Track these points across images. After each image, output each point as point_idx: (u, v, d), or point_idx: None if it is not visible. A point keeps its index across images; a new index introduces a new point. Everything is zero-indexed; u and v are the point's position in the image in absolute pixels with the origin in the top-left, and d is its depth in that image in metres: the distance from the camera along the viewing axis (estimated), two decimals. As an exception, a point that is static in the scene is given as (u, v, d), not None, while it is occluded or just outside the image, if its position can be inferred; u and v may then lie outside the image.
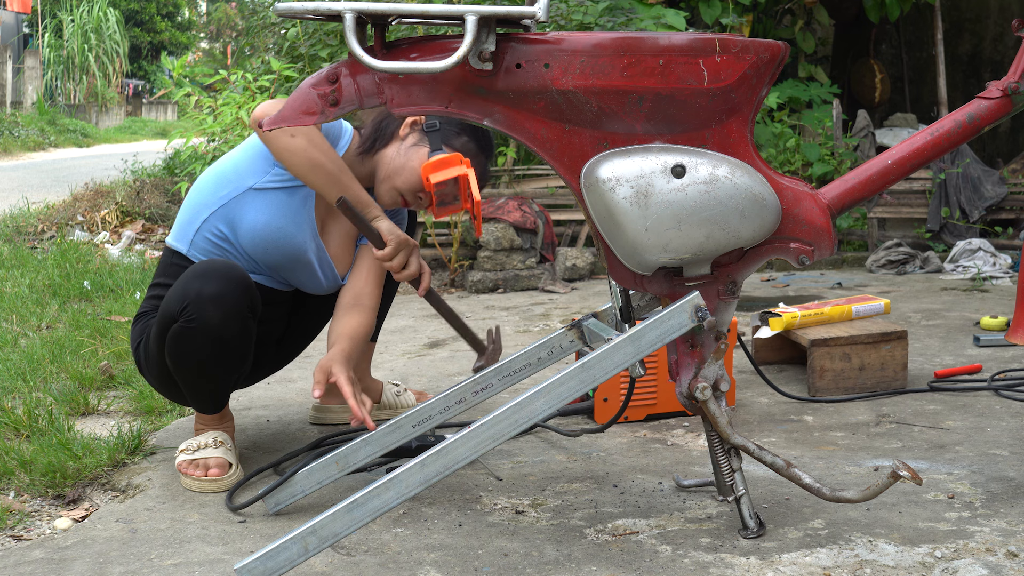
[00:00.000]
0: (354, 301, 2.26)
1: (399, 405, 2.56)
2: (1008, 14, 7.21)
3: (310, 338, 2.46)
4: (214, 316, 1.97)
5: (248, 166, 2.18)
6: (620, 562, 1.72)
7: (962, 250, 5.17)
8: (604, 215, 1.69)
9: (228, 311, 1.99)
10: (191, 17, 27.13)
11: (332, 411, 2.53)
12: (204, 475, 2.11)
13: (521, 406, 1.65)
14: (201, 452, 2.14)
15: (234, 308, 2.00)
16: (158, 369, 2.13)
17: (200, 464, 2.12)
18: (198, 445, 2.15)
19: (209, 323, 1.98)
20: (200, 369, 2.05)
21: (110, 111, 19.61)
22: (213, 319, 1.97)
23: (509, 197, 5.13)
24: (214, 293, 1.97)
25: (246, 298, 2.02)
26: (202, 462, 2.12)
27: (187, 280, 2.01)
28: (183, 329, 1.99)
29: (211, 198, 2.18)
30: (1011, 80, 1.84)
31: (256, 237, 2.17)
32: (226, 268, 2.02)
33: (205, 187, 2.21)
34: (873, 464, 2.20)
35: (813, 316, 2.92)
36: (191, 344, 2.00)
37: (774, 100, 6.03)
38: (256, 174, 2.16)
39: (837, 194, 1.83)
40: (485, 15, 1.57)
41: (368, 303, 2.27)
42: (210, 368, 2.05)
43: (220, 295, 1.98)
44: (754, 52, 1.67)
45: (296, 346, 2.43)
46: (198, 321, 1.97)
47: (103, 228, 5.93)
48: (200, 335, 1.99)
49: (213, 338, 1.99)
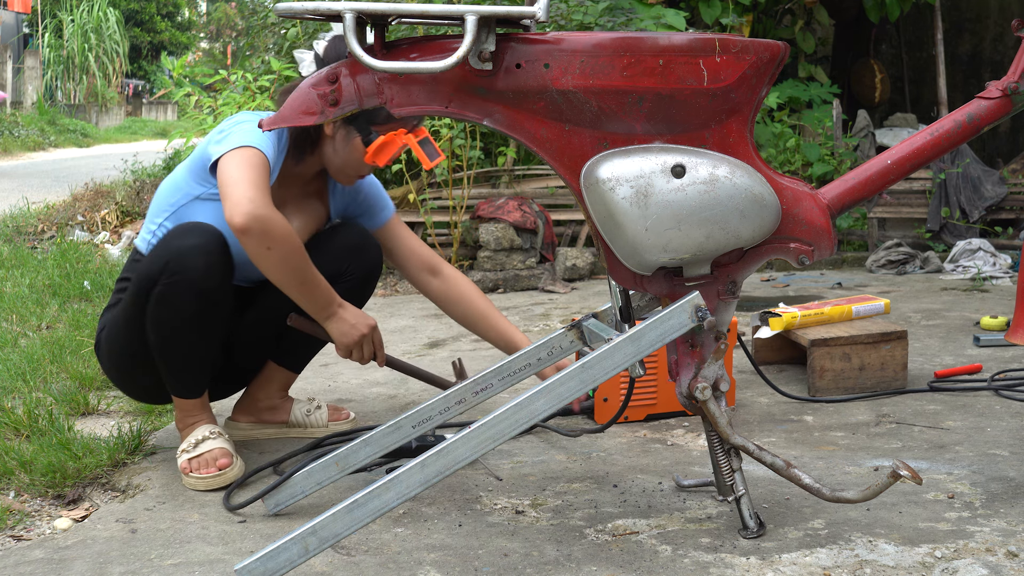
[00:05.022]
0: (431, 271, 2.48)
1: (309, 424, 2.47)
2: (1008, 14, 7.21)
3: (262, 337, 2.38)
4: (197, 265, 2.03)
5: (194, 176, 2.21)
6: (620, 562, 1.72)
7: (962, 250, 5.17)
8: (604, 215, 1.69)
9: (212, 260, 2.05)
10: (191, 17, 27.12)
11: (240, 428, 2.47)
12: (213, 471, 2.11)
13: (521, 406, 1.65)
14: (203, 446, 2.14)
15: (216, 257, 2.06)
16: (124, 352, 2.18)
17: (205, 459, 2.12)
18: (196, 441, 2.15)
19: (193, 274, 2.03)
20: (185, 333, 2.07)
21: (110, 111, 19.62)
22: (197, 269, 2.03)
23: (509, 197, 5.13)
24: (195, 244, 2.04)
25: (224, 249, 2.08)
26: (207, 456, 2.12)
27: (165, 241, 2.09)
28: (166, 288, 2.04)
29: (164, 204, 2.24)
30: (1011, 80, 1.84)
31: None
32: (202, 224, 2.10)
33: (162, 193, 2.27)
34: (873, 464, 2.20)
35: (813, 316, 2.92)
36: (176, 302, 2.04)
37: (774, 100, 6.03)
38: (201, 185, 2.20)
39: (837, 194, 1.83)
40: (485, 15, 1.57)
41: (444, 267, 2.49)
42: (195, 330, 2.07)
43: (201, 245, 2.05)
44: (754, 52, 1.67)
45: (246, 342, 2.37)
46: (181, 274, 2.03)
47: (103, 228, 5.93)
48: (185, 288, 2.03)
49: (198, 291, 2.03)
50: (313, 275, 2.12)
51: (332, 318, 2.18)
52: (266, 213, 1.99)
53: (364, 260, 2.35)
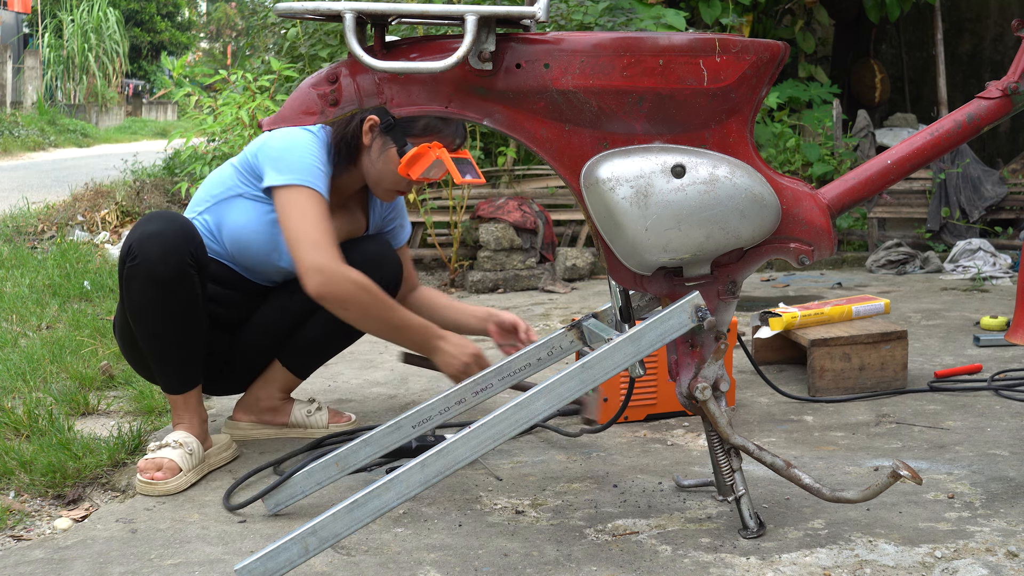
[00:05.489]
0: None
1: (309, 425, 2.48)
2: (1008, 14, 7.21)
3: (270, 335, 2.40)
4: (153, 252, 2.05)
5: (240, 176, 2.28)
6: (620, 562, 1.72)
7: (962, 250, 5.17)
8: (604, 215, 1.69)
9: (168, 248, 2.06)
10: (191, 17, 27.14)
11: (239, 427, 2.47)
12: (148, 477, 2.08)
13: (521, 406, 1.65)
14: (161, 452, 2.12)
15: (172, 245, 2.07)
16: (124, 333, 2.24)
17: (152, 464, 2.10)
18: (160, 444, 2.15)
19: (149, 259, 2.05)
20: (149, 319, 2.09)
21: (110, 111, 19.62)
22: (152, 255, 2.05)
23: (509, 197, 5.13)
24: (154, 230, 2.08)
25: (185, 239, 2.09)
26: (156, 461, 2.10)
27: (135, 226, 2.12)
28: (128, 271, 2.08)
29: (207, 196, 2.32)
30: (1011, 80, 1.84)
31: (234, 237, 2.29)
32: (169, 213, 2.16)
33: (207, 185, 2.34)
34: (873, 464, 2.20)
35: (813, 316, 2.92)
36: (136, 286, 2.07)
37: (774, 100, 6.03)
38: (246, 185, 2.27)
39: (837, 194, 1.83)
40: (485, 15, 1.57)
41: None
42: (159, 319, 2.09)
43: (159, 232, 2.07)
44: (754, 52, 1.67)
45: (253, 341, 2.38)
46: (140, 257, 2.06)
47: (103, 228, 5.93)
48: (142, 273, 2.06)
49: (153, 278, 2.05)
50: (402, 319, 2.19)
51: (435, 351, 2.25)
52: (335, 275, 2.07)
53: (381, 274, 2.35)
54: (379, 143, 2.26)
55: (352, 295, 2.09)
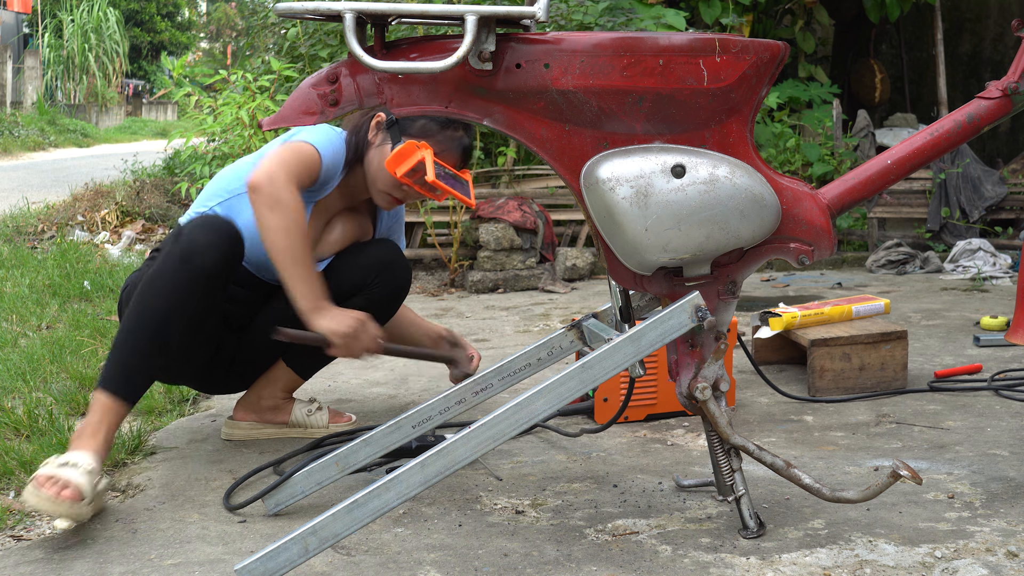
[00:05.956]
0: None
1: (309, 424, 2.47)
2: (1008, 14, 7.21)
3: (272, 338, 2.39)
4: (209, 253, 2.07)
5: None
6: (620, 562, 1.72)
7: (962, 250, 5.17)
8: (604, 215, 1.69)
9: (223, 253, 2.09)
10: (191, 17, 27.14)
11: (240, 427, 2.46)
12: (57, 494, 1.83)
13: (521, 406, 1.65)
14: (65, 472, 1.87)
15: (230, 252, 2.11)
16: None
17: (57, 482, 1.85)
18: (68, 463, 1.91)
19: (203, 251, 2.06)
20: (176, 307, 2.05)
21: (110, 111, 19.62)
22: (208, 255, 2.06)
23: (509, 197, 5.13)
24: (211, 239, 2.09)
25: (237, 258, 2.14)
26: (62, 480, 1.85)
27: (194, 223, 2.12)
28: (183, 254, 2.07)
29: (221, 189, 2.31)
30: (1011, 80, 1.84)
31: (246, 234, 2.24)
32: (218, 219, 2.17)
33: (222, 178, 2.34)
34: (873, 464, 2.20)
35: (813, 316, 2.92)
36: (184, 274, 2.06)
37: (774, 100, 6.03)
38: None
39: (837, 194, 1.83)
40: (485, 15, 1.57)
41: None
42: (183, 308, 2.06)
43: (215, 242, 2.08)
44: (754, 52, 1.67)
45: (258, 340, 2.36)
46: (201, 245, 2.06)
47: (103, 228, 5.93)
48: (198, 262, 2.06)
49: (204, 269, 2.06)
50: (307, 258, 2.09)
51: (319, 311, 2.09)
52: (283, 184, 2.04)
53: (390, 278, 2.34)
54: (380, 139, 2.27)
55: (289, 203, 2.05)
